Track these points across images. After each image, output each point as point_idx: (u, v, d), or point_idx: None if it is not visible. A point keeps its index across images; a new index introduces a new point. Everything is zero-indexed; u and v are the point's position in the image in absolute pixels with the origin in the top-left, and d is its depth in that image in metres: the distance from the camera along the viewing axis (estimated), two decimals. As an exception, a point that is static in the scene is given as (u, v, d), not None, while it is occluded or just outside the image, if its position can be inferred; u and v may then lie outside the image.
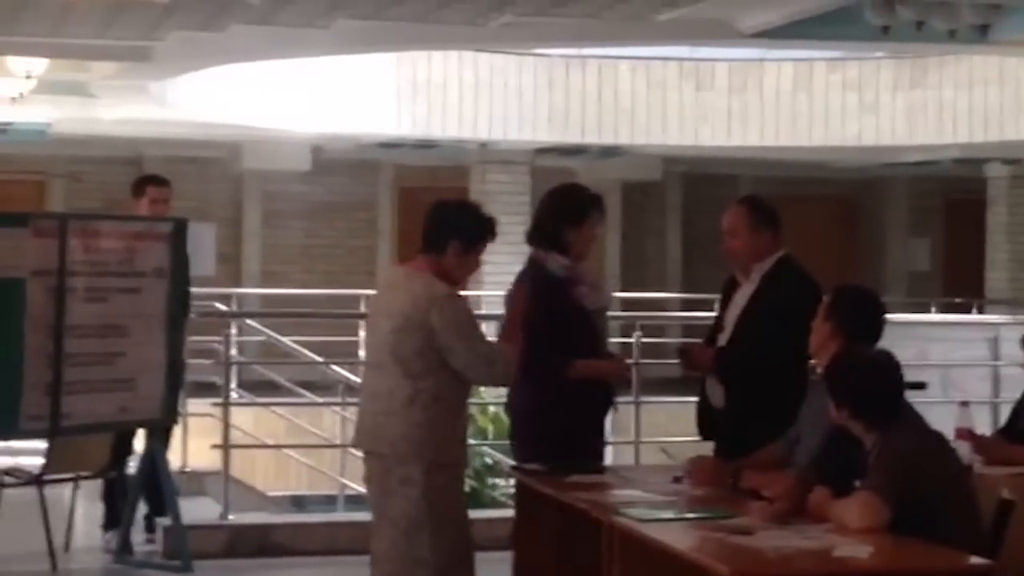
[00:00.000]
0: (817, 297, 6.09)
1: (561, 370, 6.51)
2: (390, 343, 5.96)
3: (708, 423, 6.80)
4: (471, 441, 9.37)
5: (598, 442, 6.89)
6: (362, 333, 14.89)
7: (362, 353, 14.49)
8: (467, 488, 7.30)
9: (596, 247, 7.02)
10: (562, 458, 6.34)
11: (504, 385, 6.54)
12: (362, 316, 15.85)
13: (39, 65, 13.62)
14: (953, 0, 9.88)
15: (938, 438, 5.37)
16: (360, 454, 6.25)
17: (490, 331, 7.40)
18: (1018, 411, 7.01)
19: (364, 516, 9.13)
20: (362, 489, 11.45)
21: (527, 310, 6.46)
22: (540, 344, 6.52)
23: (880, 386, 5.32)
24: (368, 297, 16.26)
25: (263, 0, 9.92)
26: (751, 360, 6.55)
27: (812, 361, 6.05)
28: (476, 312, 6.42)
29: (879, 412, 5.29)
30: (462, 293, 6.17)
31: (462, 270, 6.09)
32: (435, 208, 6.16)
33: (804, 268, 6.73)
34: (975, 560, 4.81)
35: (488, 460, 11.81)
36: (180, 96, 14.84)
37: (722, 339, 6.77)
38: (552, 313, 6.53)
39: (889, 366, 5.37)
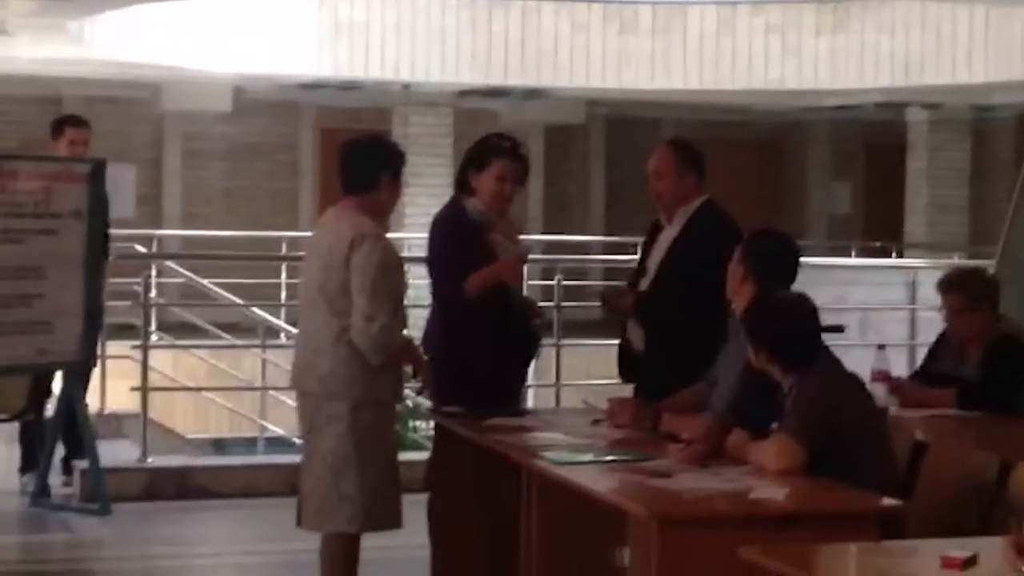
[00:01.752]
0: (739, 242, 6.11)
1: (459, 294, 6.48)
2: (318, 281, 6.03)
3: (629, 366, 6.82)
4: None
5: (515, 384, 6.90)
6: (283, 275, 14.92)
7: (284, 295, 14.59)
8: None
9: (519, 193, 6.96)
10: (480, 399, 6.34)
11: (369, 353, 5.92)
12: (283, 258, 15.90)
13: (-46, 3, 13.40)
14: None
15: (854, 380, 5.42)
16: (286, 398, 6.23)
17: (415, 273, 7.40)
18: (933, 354, 7.08)
19: (284, 458, 9.17)
20: (282, 431, 11.50)
21: (438, 247, 6.49)
22: (444, 279, 6.54)
23: (797, 329, 5.36)
24: (289, 239, 16.39)
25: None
26: (672, 305, 6.56)
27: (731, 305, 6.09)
28: (401, 254, 6.38)
29: (796, 355, 5.33)
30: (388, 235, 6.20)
31: (393, 199, 6.21)
32: (351, 148, 6.18)
33: (727, 213, 6.73)
34: (888, 501, 4.87)
35: (409, 403, 11.79)
36: (99, 35, 14.65)
37: (644, 283, 6.78)
38: (462, 250, 6.52)
39: (806, 309, 5.41)
